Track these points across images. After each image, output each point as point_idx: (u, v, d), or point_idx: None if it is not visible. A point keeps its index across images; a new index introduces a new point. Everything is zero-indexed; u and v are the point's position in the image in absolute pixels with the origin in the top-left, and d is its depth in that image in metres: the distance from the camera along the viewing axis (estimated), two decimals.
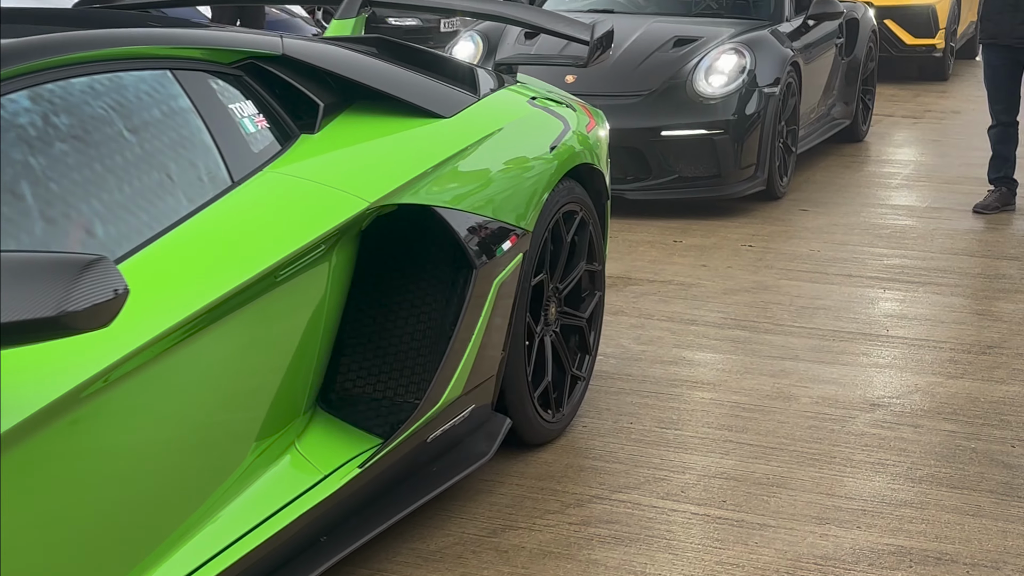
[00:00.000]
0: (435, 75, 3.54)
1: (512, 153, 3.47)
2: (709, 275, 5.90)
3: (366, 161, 3.05)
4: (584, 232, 3.97)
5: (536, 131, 3.65)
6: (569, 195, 3.78)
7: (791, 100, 7.73)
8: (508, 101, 3.70)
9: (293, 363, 2.81)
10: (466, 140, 3.31)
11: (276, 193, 2.75)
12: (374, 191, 2.93)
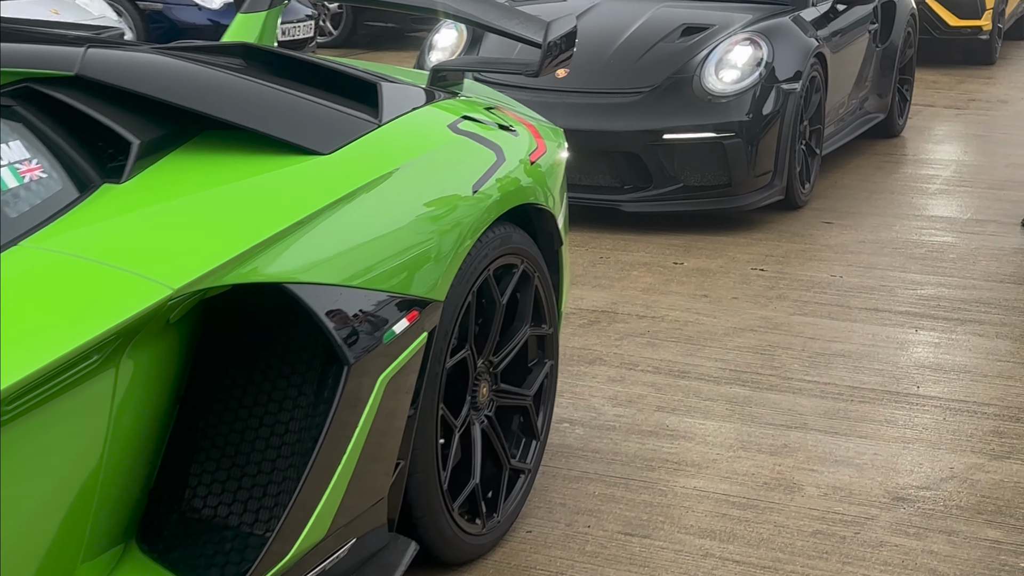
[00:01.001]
0: (318, 95, 2.70)
1: (414, 199, 2.62)
2: (710, 309, 5.03)
3: (186, 223, 2.21)
4: (527, 288, 3.13)
5: (453, 167, 2.80)
6: (504, 245, 2.94)
7: (815, 96, 6.82)
8: (420, 127, 2.85)
9: (62, 510, 1.99)
10: (346, 185, 2.47)
11: (20, 282, 1.92)
12: (186, 270, 2.09)
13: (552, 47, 3.33)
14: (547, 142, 3.29)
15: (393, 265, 2.51)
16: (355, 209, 2.47)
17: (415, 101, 2.95)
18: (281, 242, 2.28)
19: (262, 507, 2.34)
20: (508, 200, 2.93)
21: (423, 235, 2.61)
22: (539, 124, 3.40)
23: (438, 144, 2.81)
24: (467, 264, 2.78)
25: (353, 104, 2.79)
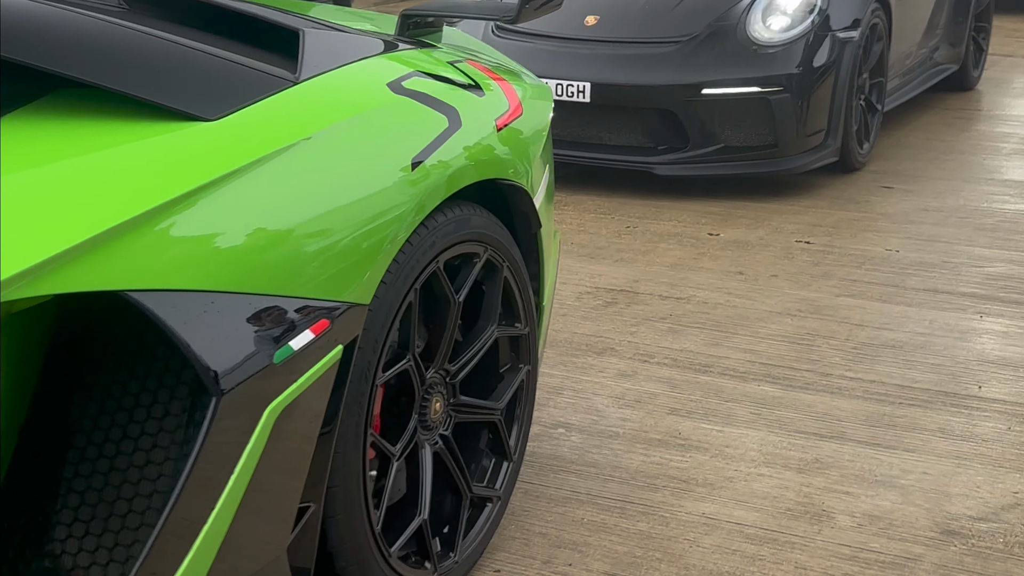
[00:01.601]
0: (220, 45, 2.16)
1: (326, 177, 2.07)
2: (744, 288, 4.45)
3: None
4: (494, 281, 2.58)
5: (386, 136, 2.24)
6: (460, 230, 2.39)
7: (877, 46, 6.16)
8: (349, 85, 2.29)
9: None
10: (232, 160, 1.93)
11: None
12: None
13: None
14: (526, 103, 2.72)
15: (292, 263, 1.97)
16: (241, 190, 1.92)
17: (354, 53, 2.39)
18: (128, 236, 1.74)
19: (110, 571, 1.83)
20: (463, 175, 2.37)
21: (337, 222, 2.06)
22: (519, 81, 2.83)
23: (369, 107, 2.25)
24: (405, 256, 2.23)
25: (264, 57, 2.25)
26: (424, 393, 2.43)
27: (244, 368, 1.85)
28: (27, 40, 1.87)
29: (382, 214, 2.14)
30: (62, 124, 1.88)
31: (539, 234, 2.72)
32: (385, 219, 2.15)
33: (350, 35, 2.53)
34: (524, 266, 2.67)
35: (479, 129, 2.46)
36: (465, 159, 2.38)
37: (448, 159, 2.33)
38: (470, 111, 2.46)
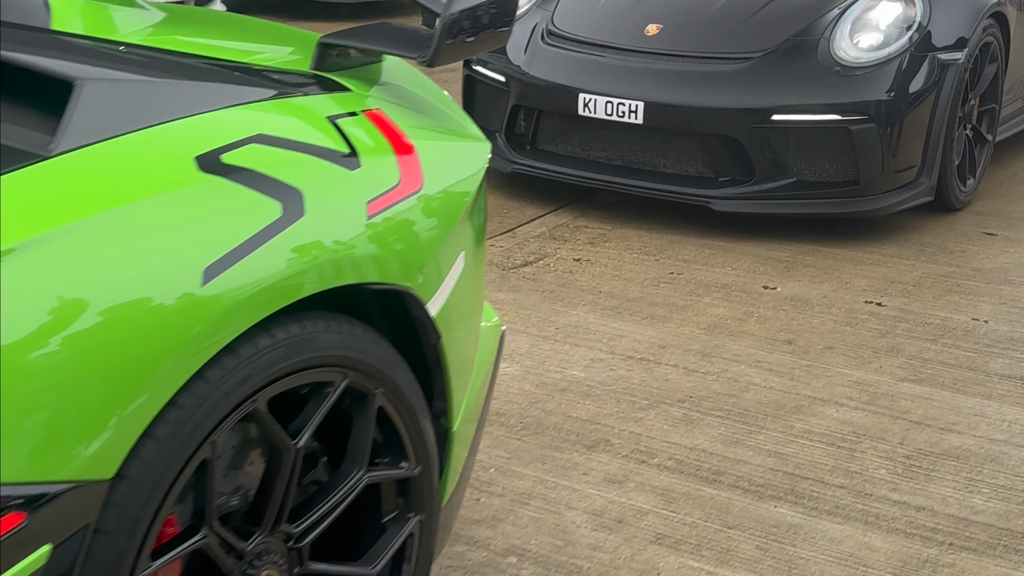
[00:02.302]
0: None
1: (45, 297, 1.46)
2: (790, 364, 3.73)
3: None
4: (364, 412, 1.94)
5: (169, 236, 1.60)
6: (295, 356, 1.76)
7: (989, 68, 5.34)
8: (127, 162, 1.66)
9: None
10: None
11: None
12: None
13: (456, 22, 2.11)
14: (434, 173, 2.07)
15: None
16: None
17: (174, 109, 1.77)
18: None
19: None
20: (298, 284, 1.74)
21: (51, 367, 1.45)
22: (439, 140, 2.19)
23: (148, 194, 1.62)
24: (191, 400, 1.62)
25: (17, 119, 1.65)
26: (246, 570, 1.81)
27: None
28: None
29: (137, 350, 1.52)
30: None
31: (440, 346, 2.08)
32: (144, 356, 1.53)
33: (182, 82, 1.90)
34: (416, 387, 2.04)
35: (334, 218, 1.82)
36: (303, 262, 1.75)
37: (271, 263, 1.69)
38: (323, 193, 1.82)
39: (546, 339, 3.85)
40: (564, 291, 4.26)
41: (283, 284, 1.72)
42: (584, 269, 4.49)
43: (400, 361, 2.00)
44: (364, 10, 10.06)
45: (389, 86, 2.34)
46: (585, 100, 4.97)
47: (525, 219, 5.03)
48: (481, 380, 2.30)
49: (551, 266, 4.50)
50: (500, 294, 4.19)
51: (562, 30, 5.24)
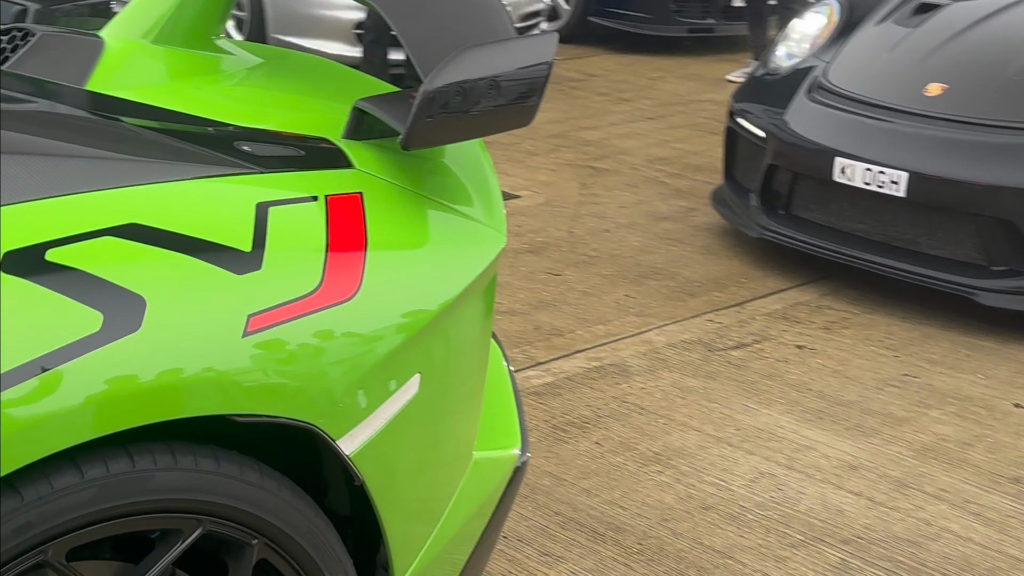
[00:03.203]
0: None
1: None
2: (1004, 511, 3.04)
3: None
4: (239, 568, 1.61)
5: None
6: (119, 497, 1.46)
7: None
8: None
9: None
10: None
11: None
12: None
13: (442, 95, 1.73)
14: (382, 278, 1.69)
15: None
16: None
17: (23, 190, 1.50)
18: None
19: None
20: (111, 415, 1.43)
21: None
22: (431, 234, 1.81)
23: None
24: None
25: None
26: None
27: None
28: None
29: None
30: None
31: (367, 489, 1.70)
32: None
33: (70, 158, 1.61)
34: (329, 537, 1.68)
35: (189, 333, 1.49)
36: (125, 386, 1.43)
37: (70, 387, 1.39)
38: (180, 302, 1.50)
39: (719, 441, 3.36)
40: (766, 384, 3.73)
41: (90, 412, 1.41)
42: (803, 360, 3.92)
43: (302, 506, 1.65)
44: (706, 44, 9.64)
45: (416, 160, 1.99)
46: (842, 165, 4.38)
47: (761, 292, 4.50)
48: (459, 525, 1.91)
49: (765, 352, 3.97)
50: (691, 380, 3.72)
51: (832, 84, 4.66)
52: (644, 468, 3.19)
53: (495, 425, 2.10)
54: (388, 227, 1.80)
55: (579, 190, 5.68)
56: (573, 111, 7.33)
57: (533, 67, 1.85)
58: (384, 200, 1.85)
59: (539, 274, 4.56)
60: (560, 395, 3.58)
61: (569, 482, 3.10)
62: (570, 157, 6.27)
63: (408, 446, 1.76)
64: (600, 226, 5.16)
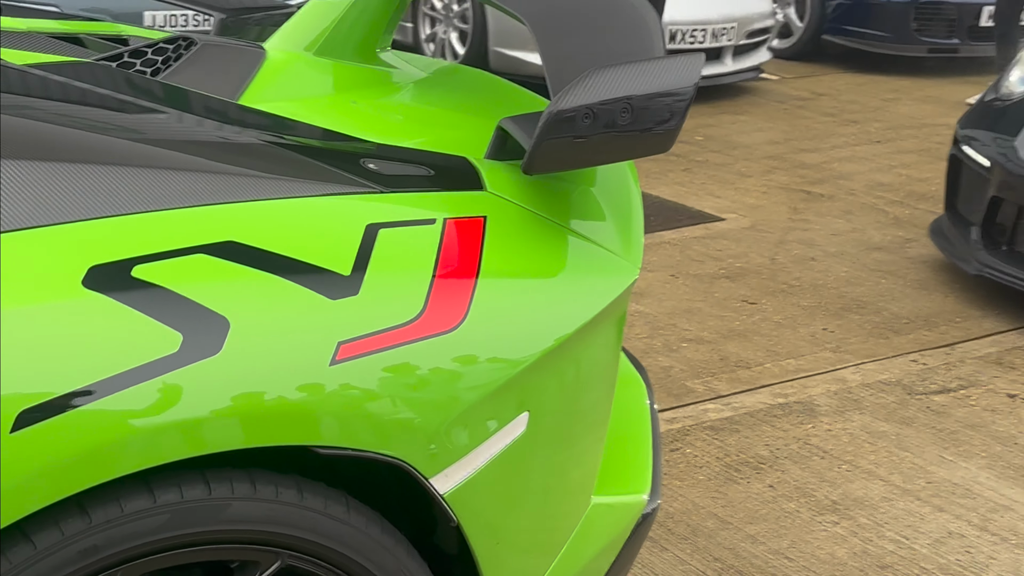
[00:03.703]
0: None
1: None
2: None
3: None
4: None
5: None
6: (191, 525, 1.41)
7: None
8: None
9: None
10: None
11: None
12: None
13: (568, 117, 1.63)
14: (491, 309, 1.60)
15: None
16: None
17: (119, 204, 1.46)
18: None
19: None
20: (183, 440, 1.37)
21: None
22: (552, 264, 1.71)
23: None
24: (3, 567, 1.31)
25: None
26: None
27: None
28: None
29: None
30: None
31: (462, 531, 1.60)
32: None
33: (167, 172, 1.55)
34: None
35: (272, 359, 1.43)
36: (201, 410, 1.38)
37: (140, 409, 1.35)
38: (266, 326, 1.44)
39: (906, 493, 3.11)
40: (968, 435, 3.45)
41: (160, 436, 1.37)
42: (1013, 410, 3.62)
43: (391, 544, 1.56)
44: (949, 65, 9.17)
45: (554, 183, 1.89)
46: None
47: (975, 334, 4.19)
48: (577, 569, 1.78)
49: (972, 399, 3.68)
50: (883, 425, 3.47)
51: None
52: (819, 517, 2.99)
53: (624, 468, 1.97)
54: (507, 254, 1.70)
55: (789, 215, 5.45)
56: (794, 132, 7.07)
57: (673, 90, 1.72)
58: (509, 225, 1.76)
59: (733, 301, 4.38)
60: (738, 432, 3.40)
61: (735, 526, 2.92)
62: (784, 180, 6.03)
63: (511, 489, 1.65)
64: (806, 254, 4.93)
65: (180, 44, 2.33)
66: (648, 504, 1.93)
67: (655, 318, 4.16)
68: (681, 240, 5.00)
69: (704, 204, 5.53)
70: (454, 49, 7.72)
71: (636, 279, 1.82)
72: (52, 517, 1.35)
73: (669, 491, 3.05)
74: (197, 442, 1.39)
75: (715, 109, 7.56)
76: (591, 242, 1.82)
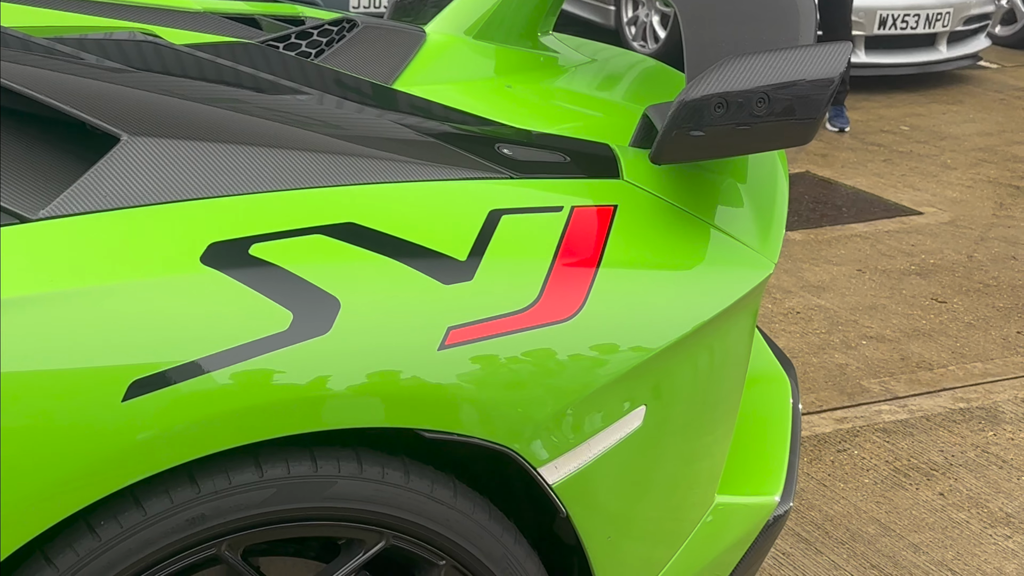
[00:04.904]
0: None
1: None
2: None
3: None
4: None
5: (103, 338, 1.34)
6: (296, 500, 1.44)
7: None
8: (106, 238, 1.39)
9: None
10: None
11: None
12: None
13: (699, 106, 1.59)
14: (607, 301, 1.57)
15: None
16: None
17: (246, 183, 1.50)
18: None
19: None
20: (295, 416, 1.40)
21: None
22: (679, 258, 1.67)
23: (105, 280, 1.37)
24: (112, 531, 1.37)
25: (40, 173, 1.50)
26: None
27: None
28: None
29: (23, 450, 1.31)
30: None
31: (572, 524, 1.58)
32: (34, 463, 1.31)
33: (295, 151, 1.57)
34: (525, 569, 1.58)
35: (380, 340, 1.44)
36: (308, 388, 1.40)
37: (250, 384, 1.37)
38: (377, 308, 1.45)
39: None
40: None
41: (268, 411, 1.39)
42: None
43: (499, 531, 1.56)
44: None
45: (696, 172, 1.85)
46: None
47: None
48: (695, 571, 1.74)
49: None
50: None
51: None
52: (990, 530, 2.85)
53: (755, 468, 1.91)
54: (635, 243, 1.67)
55: (993, 211, 5.20)
56: (1009, 124, 6.73)
57: (815, 81, 1.65)
58: (640, 214, 1.72)
59: (921, 299, 4.20)
60: (911, 435, 3.27)
61: (897, 533, 2.81)
62: (992, 174, 5.75)
63: (624, 483, 1.62)
64: (1007, 252, 4.69)
65: (344, 26, 2.37)
66: (779, 507, 1.87)
67: (835, 313, 4.03)
68: (873, 233, 4.83)
69: (902, 197, 5.33)
70: (655, 32, 7.64)
71: (770, 274, 1.76)
72: (163, 485, 1.40)
73: (831, 493, 2.96)
74: (302, 420, 1.41)
75: (925, 98, 7.27)
76: (726, 234, 1.77)
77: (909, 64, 7.33)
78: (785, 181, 1.98)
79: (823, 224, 4.90)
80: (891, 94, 7.30)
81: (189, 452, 1.38)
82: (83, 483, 1.33)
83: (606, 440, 1.59)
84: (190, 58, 1.92)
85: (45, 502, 1.31)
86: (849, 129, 6.37)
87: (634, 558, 1.68)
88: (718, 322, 1.68)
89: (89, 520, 1.38)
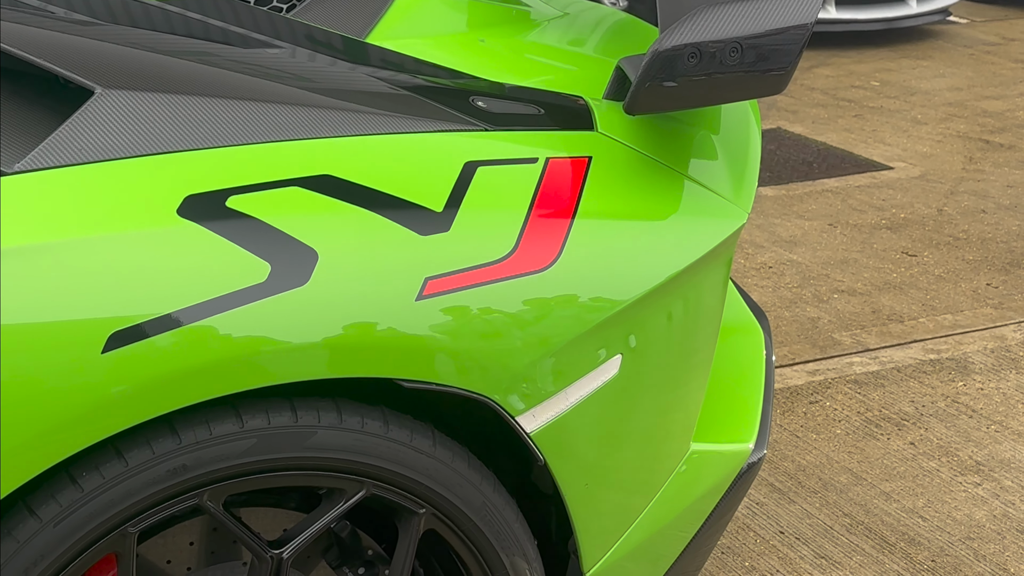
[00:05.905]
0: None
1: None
2: None
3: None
4: (406, 537, 1.56)
5: (78, 291, 1.35)
6: (276, 450, 1.45)
7: None
8: (80, 194, 1.40)
9: None
10: None
11: None
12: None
13: (674, 58, 1.59)
14: (583, 251, 1.58)
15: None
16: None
17: (219, 136, 1.50)
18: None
19: None
20: (273, 367, 1.41)
21: None
22: (654, 207, 1.68)
23: (80, 234, 1.37)
24: (94, 481, 1.37)
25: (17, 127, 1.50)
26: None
27: None
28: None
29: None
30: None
31: (550, 471, 1.60)
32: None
33: (265, 104, 1.56)
34: (508, 516, 1.60)
35: (357, 291, 1.45)
36: (284, 339, 1.41)
37: (224, 335, 1.38)
38: (354, 258, 1.45)
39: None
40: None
41: (246, 362, 1.40)
42: None
43: (477, 480, 1.58)
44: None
45: (668, 124, 1.86)
46: None
47: None
48: (667, 521, 1.77)
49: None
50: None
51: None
52: (959, 478, 2.89)
53: (729, 416, 1.94)
54: (609, 195, 1.68)
55: (963, 165, 5.24)
56: (979, 78, 6.77)
57: (787, 30, 1.67)
58: (614, 166, 1.74)
59: (892, 253, 4.24)
60: (883, 387, 3.31)
61: (868, 482, 2.85)
62: (962, 128, 5.79)
63: (601, 431, 1.64)
64: (977, 206, 4.73)
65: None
66: (753, 454, 1.90)
67: (807, 268, 4.06)
68: (844, 188, 4.86)
69: (873, 152, 5.36)
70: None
71: (743, 224, 1.78)
72: (144, 436, 1.40)
73: (803, 444, 3.00)
74: (281, 370, 1.42)
75: (895, 53, 7.29)
76: (700, 185, 1.78)
77: (879, 19, 7.35)
78: (758, 132, 2.00)
79: (794, 180, 4.93)
80: (861, 50, 7.32)
81: (169, 403, 1.39)
82: (65, 434, 1.34)
83: (583, 389, 1.61)
84: (158, 11, 1.91)
85: (28, 452, 1.32)
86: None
87: (611, 506, 1.70)
88: (692, 272, 1.70)
89: (71, 471, 1.38)
